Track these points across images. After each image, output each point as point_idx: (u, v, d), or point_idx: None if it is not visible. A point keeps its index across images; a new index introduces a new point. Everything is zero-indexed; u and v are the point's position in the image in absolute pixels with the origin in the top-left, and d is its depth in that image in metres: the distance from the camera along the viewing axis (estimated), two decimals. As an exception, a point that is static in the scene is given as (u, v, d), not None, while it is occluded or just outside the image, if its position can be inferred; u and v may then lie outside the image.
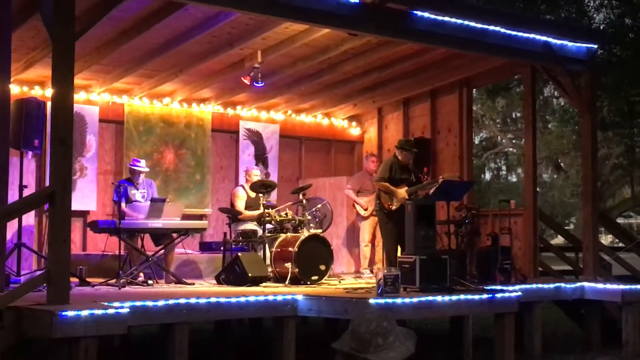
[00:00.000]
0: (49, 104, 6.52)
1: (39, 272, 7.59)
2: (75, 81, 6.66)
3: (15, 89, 9.80)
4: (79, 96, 10.31)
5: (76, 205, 8.60)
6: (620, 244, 14.39)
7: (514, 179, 33.81)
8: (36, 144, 8.57)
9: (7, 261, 7.58)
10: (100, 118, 10.77)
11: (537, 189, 11.26)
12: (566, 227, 26.24)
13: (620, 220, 26.92)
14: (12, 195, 7.78)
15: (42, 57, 8.99)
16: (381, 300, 7.02)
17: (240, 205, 10.07)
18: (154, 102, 11.22)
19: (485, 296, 7.91)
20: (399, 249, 8.96)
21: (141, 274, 8.77)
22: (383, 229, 9.38)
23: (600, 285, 9.46)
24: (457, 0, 9.40)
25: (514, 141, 28.18)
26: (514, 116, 28.63)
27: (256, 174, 10.33)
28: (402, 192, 9.05)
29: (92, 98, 10.70)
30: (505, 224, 10.10)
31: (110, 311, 5.95)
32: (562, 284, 9.43)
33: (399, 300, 7.17)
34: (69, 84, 6.36)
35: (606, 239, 28.61)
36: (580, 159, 10.74)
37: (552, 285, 9.29)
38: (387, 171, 9.19)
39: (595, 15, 17.28)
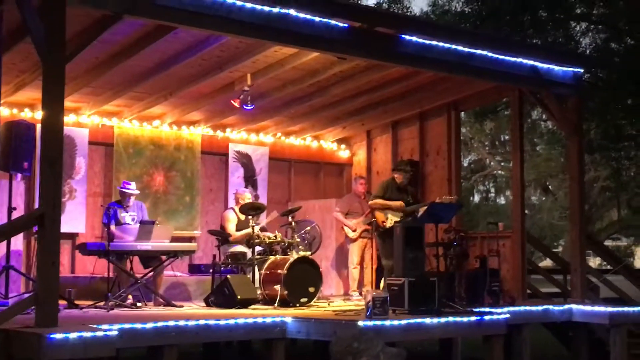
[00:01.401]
0: (38, 126, 6.52)
1: (27, 295, 7.57)
2: (65, 103, 6.68)
3: (4, 112, 9.86)
4: (68, 118, 10.35)
5: (65, 227, 8.60)
6: (608, 267, 14.44)
7: (502, 201, 33.89)
8: (25, 166, 8.54)
9: (-5, 284, 7.59)
10: (90, 140, 10.80)
11: (526, 212, 11.32)
12: (555, 250, 26.36)
13: (608, 243, 27.00)
14: (1, 218, 7.78)
15: (32, 79, 9.02)
16: (370, 322, 7.03)
17: (231, 227, 10.07)
18: (143, 125, 11.25)
19: (473, 318, 7.92)
20: None
21: (130, 297, 8.75)
22: (382, 249, 9.52)
23: (588, 308, 9.50)
24: (445, 25, 9.52)
25: (502, 164, 28.28)
26: (502, 139, 28.76)
27: (247, 197, 10.36)
28: (399, 202, 9.23)
29: (81, 120, 10.73)
30: (493, 246, 10.14)
31: (99, 334, 5.94)
32: (551, 306, 9.46)
33: (387, 322, 7.18)
34: (59, 106, 6.38)
35: (594, 262, 28.67)
36: (568, 182, 10.80)
37: (540, 308, 9.32)
38: (382, 191, 9.47)
39: (581, 39, 17.44)
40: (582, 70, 10.40)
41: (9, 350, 5.96)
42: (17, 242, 9.15)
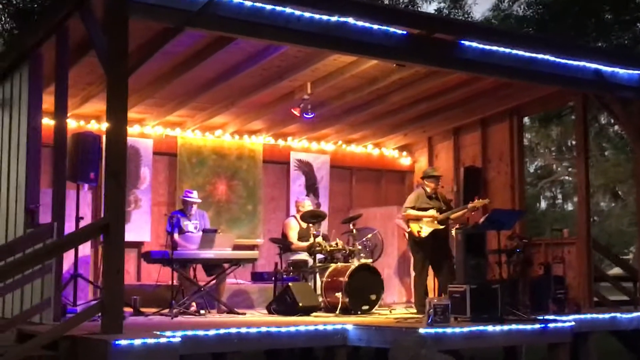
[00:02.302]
0: (104, 138, 6.68)
1: (94, 302, 7.76)
2: (130, 115, 6.85)
3: (72, 123, 10.10)
4: (133, 129, 10.57)
5: (130, 236, 8.80)
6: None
7: (570, 207, 33.26)
8: (92, 177, 8.74)
9: (64, 291, 7.78)
10: (154, 151, 11.01)
11: (594, 218, 11.11)
12: (625, 257, 25.72)
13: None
14: (69, 227, 7.98)
15: (98, 92, 9.25)
16: (431, 330, 6.98)
17: (292, 235, 10.11)
18: (206, 135, 11.42)
19: (537, 326, 7.79)
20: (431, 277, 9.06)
21: (193, 304, 8.87)
22: (414, 259, 9.46)
23: (657, 316, 9.26)
24: (505, 30, 9.41)
25: (569, 169, 27.77)
26: (569, 144, 28.25)
27: (307, 205, 10.40)
28: (432, 211, 9.13)
29: (146, 131, 10.95)
30: (558, 253, 9.98)
31: (163, 340, 6.04)
32: (618, 314, 9.23)
33: (449, 330, 7.12)
34: (122, 118, 6.51)
35: (667, 269, 27.87)
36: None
37: (607, 316, 9.11)
38: (412, 202, 9.35)
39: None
40: (648, 73, 10.15)
41: (75, 357, 6.11)
42: (85, 250, 9.39)
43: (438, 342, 6.89)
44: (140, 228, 10.67)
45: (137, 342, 5.87)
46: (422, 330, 6.93)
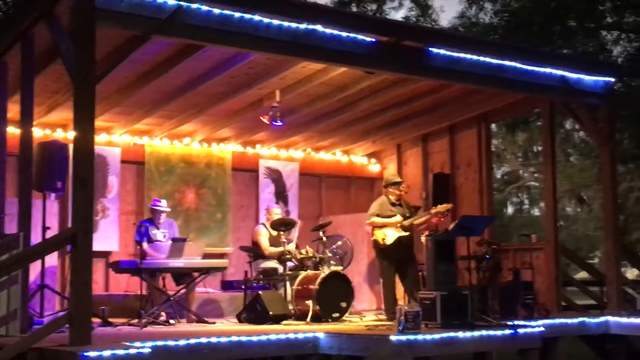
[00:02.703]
0: (71, 146, 6.60)
1: (61, 313, 7.65)
2: (97, 123, 6.79)
3: (38, 132, 9.98)
4: (100, 138, 10.48)
5: (98, 245, 8.70)
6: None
7: (537, 212, 33.57)
8: (59, 186, 8.64)
9: (30, 302, 7.67)
10: (122, 159, 10.91)
11: (561, 223, 11.21)
12: (591, 261, 26.00)
13: (645, 254, 26.56)
14: (36, 237, 7.87)
15: (64, 100, 9.15)
16: (402, 337, 6.99)
17: (264, 242, 10.05)
18: (174, 143, 11.35)
19: (507, 332, 7.83)
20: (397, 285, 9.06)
21: (163, 314, 8.79)
22: (379, 267, 9.42)
23: (624, 320, 9.35)
24: (473, 37, 9.47)
25: (536, 175, 28.04)
26: (535, 150, 28.53)
27: (277, 213, 10.37)
28: (397, 218, 9.11)
29: (113, 139, 10.85)
30: (526, 258, 10.05)
31: (132, 351, 5.97)
32: (586, 319, 9.32)
33: (420, 337, 7.12)
34: (89, 126, 6.45)
35: (632, 273, 28.23)
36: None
37: (576, 320, 9.19)
38: (376, 209, 9.29)
39: (612, 48, 17.27)
40: (613, 80, 10.29)
41: (43, 369, 6.02)
42: (52, 260, 9.27)
43: (410, 349, 6.90)
44: (107, 237, 10.55)
45: (106, 353, 5.80)
46: (393, 338, 6.93)
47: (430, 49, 8.51)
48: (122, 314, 8.78)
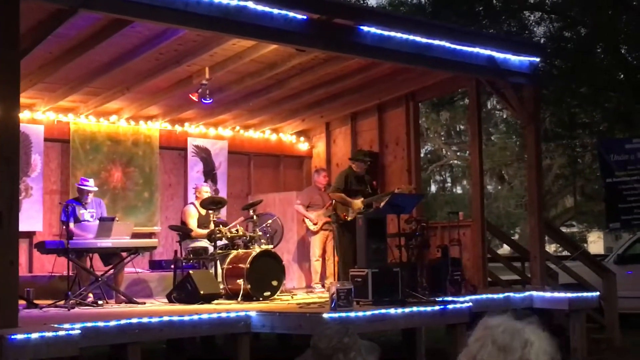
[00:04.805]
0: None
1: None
2: (20, 100, 6.56)
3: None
4: (23, 115, 10.13)
5: (22, 226, 8.35)
6: (565, 252, 14.66)
7: (459, 190, 34.18)
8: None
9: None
10: (46, 137, 10.61)
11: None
12: (512, 237, 26.63)
13: (562, 229, 27.39)
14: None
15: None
16: (335, 314, 7.03)
17: (192, 223, 10.00)
18: (100, 120, 11.10)
19: (437, 307, 7.98)
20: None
21: (91, 295, 8.65)
22: (340, 241, 9.46)
23: (548, 294, 9.63)
24: (403, 16, 9.53)
25: (458, 153, 28.54)
26: (458, 129, 29.00)
27: (206, 191, 10.29)
28: (358, 202, 9.19)
29: (36, 117, 10.55)
30: (454, 235, 10.21)
31: (61, 333, 5.86)
32: (512, 294, 9.57)
33: (352, 314, 7.20)
34: (14, 103, 6.28)
35: (550, 248, 29.08)
36: (524, 170, 10.93)
37: (502, 295, 9.42)
38: (343, 182, 9.35)
39: (535, 29, 17.63)
40: (537, 60, 10.51)
41: (-32, 353, 5.84)
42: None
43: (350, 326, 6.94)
44: (31, 217, 10.27)
45: (35, 335, 5.68)
46: (326, 315, 6.97)
47: (360, 27, 8.53)
48: (48, 296, 8.59)
